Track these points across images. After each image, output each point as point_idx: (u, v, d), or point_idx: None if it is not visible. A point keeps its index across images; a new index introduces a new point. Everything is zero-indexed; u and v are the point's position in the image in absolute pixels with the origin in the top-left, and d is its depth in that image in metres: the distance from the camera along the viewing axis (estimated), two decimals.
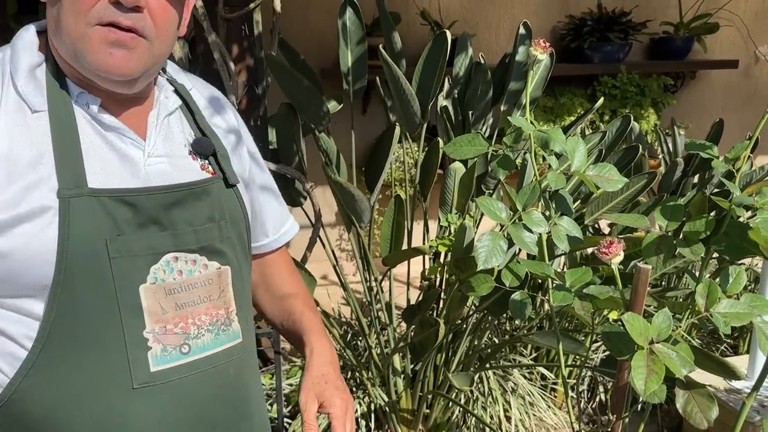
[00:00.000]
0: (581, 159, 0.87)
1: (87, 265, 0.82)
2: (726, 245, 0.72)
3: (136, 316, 0.85)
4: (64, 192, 0.81)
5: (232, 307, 0.95)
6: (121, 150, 0.87)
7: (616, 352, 0.66)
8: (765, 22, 3.65)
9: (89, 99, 0.86)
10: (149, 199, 0.86)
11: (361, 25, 1.83)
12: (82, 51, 0.81)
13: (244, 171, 1.02)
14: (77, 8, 0.80)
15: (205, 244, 0.91)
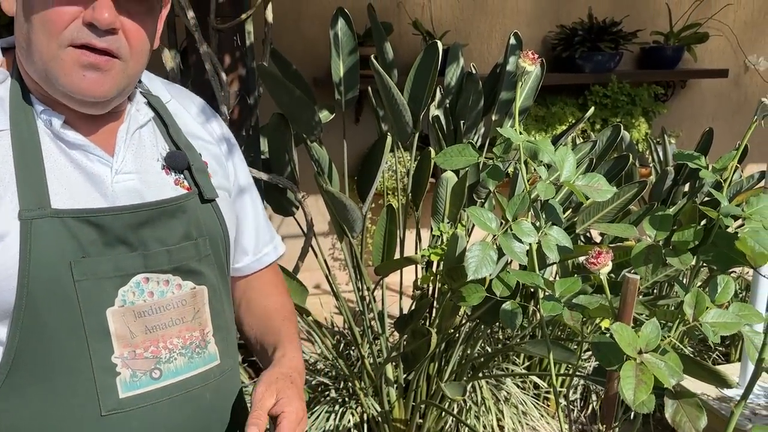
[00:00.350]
0: (570, 169, 0.87)
1: (50, 289, 0.79)
2: (714, 255, 0.73)
3: (103, 340, 0.82)
4: (26, 214, 0.78)
5: (209, 328, 0.91)
6: (87, 168, 0.84)
7: (605, 363, 0.66)
8: (754, 31, 3.69)
9: (52, 116, 0.83)
10: (116, 219, 0.82)
11: (353, 35, 1.84)
12: (54, 72, 0.80)
13: (229, 185, 0.99)
14: (49, 29, 0.78)
15: (179, 264, 0.87)
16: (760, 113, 0.79)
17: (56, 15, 0.77)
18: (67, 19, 0.78)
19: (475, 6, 3.23)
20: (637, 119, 3.20)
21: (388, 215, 1.90)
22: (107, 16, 0.77)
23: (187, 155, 0.91)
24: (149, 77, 0.97)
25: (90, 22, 0.77)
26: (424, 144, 2.60)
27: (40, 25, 0.78)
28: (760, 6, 3.66)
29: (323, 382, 2.22)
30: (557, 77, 3.16)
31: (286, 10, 2.93)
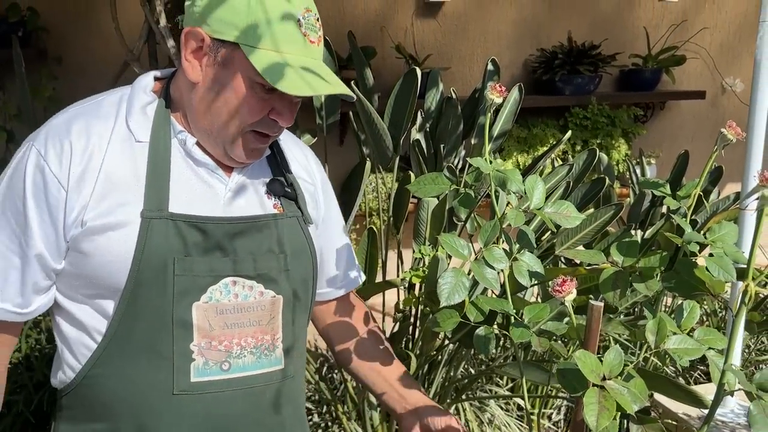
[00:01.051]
0: (539, 197, 0.89)
1: (154, 277, 0.94)
2: (675, 282, 0.75)
3: (185, 328, 0.96)
4: (147, 213, 0.94)
5: (279, 334, 1.03)
6: (207, 182, 1.01)
7: (570, 389, 0.67)
8: (730, 54, 3.77)
9: (187, 137, 1.00)
10: (217, 227, 0.98)
11: (334, 62, 1.86)
12: (228, 144, 0.98)
13: (318, 218, 1.13)
14: (243, 116, 0.96)
15: (263, 272, 1.00)
16: (720, 143, 0.81)
17: (254, 112, 0.96)
18: (260, 115, 0.96)
19: (456, 30, 3.28)
20: (617, 140, 3.25)
21: (369, 239, 1.91)
22: (290, 119, 0.98)
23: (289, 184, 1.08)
24: None
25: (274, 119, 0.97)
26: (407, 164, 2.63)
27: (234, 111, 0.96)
28: (735, 30, 3.74)
29: (306, 407, 2.21)
30: (538, 100, 3.20)
31: None
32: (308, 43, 0.96)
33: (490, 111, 0.86)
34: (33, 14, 2.64)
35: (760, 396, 0.64)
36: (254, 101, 0.95)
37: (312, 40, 0.97)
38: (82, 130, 0.96)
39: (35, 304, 0.98)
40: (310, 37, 0.97)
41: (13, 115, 2.50)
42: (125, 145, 0.97)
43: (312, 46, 0.97)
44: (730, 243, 0.79)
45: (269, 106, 0.96)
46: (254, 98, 0.95)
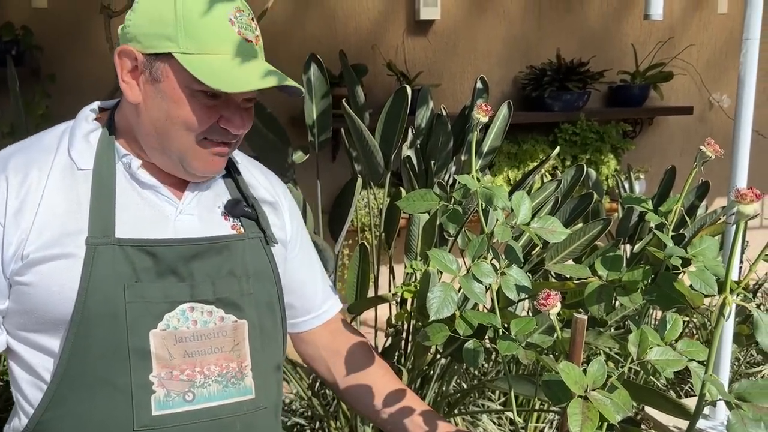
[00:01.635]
0: (526, 213, 0.91)
1: (103, 307, 0.89)
2: (657, 295, 0.77)
3: (144, 359, 0.91)
4: (92, 239, 0.90)
5: (247, 362, 0.98)
6: (154, 205, 0.97)
7: (555, 400, 0.69)
8: (717, 70, 3.82)
9: (132, 159, 0.97)
10: (169, 250, 0.93)
11: (326, 80, 1.89)
12: (188, 158, 0.95)
13: (285, 240, 1.10)
14: (190, 127, 0.93)
15: (222, 296, 0.96)
16: (699, 160, 0.84)
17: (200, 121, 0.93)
18: (207, 123, 0.93)
19: (447, 48, 3.32)
20: (606, 156, 3.29)
21: (360, 254, 1.92)
22: (240, 125, 0.95)
23: (249, 204, 1.04)
24: None
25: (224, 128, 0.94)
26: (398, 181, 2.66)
27: (181, 124, 0.93)
28: (721, 46, 3.80)
29: (299, 423, 2.21)
30: (528, 116, 3.25)
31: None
32: (245, 42, 0.93)
33: (477, 129, 0.89)
34: (27, 33, 2.66)
35: (739, 405, 0.66)
36: (199, 110, 0.92)
37: (248, 38, 0.93)
38: (19, 165, 0.93)
39: None
40: (246, 35, 0.93)
41: (6, 132, 2.51)
42: (66, 174, 0.94)
43: (249, 44, 0.93)
44: (710, 257, 0.81)
45: (217, 114, 0.93)
46: (198, 107, 0.92)
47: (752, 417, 0.64)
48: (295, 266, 1.12)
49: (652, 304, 0.78)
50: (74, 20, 2.80)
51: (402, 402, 1.11)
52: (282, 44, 3.07)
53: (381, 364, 1.18)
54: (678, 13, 3.66)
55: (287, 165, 1.86)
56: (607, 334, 1.62)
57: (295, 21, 3.11)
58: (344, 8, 3.15)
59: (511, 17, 3.39)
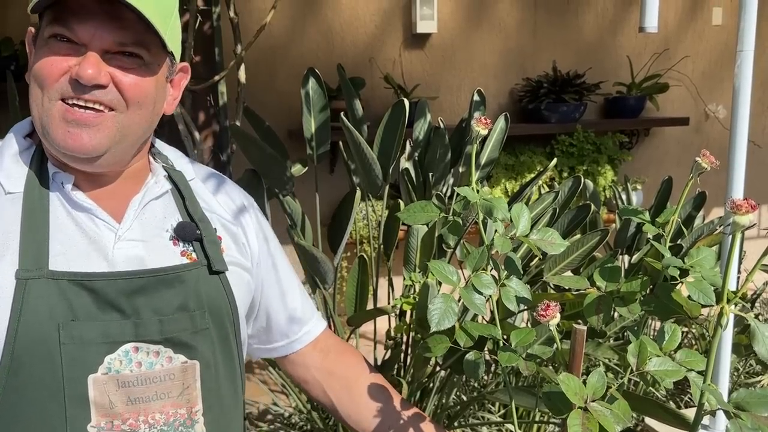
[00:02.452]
0: (525, 224, 0.92)
1: (36, 349, 0.79)
2: (655, 306, 0.77)
3: (81, 407, 0.81)
4: (23, 273, 0.80)
5: (198, 406, 0.88)
6: (90, 231, 0.85)
7: (555, 411, 0.69)
8: (712, 81, 3.85)
9: (63, 178, 0.86)
10: (109, 285, 0.82)
11: (324, 93, 1.90)
12: (46, 126, 0.82)
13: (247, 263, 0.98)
14: (41, 82, 0.81)
15: (171, 336, 0.85)
16: (695, 171, 0.84)
17: (48, 68, 0.80)
18: (57, 74, 0.80)
19: (444, 60, 3.35)
20: (603, 167, 3.30)
21: (359, 266, 1.93)
22: (91, 72, 0.78)
23: (200, 227, 0.91)
24: (177, 155, 1.00)
25: (75, 78, 0.79)
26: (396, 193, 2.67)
27: (35, 78, 0.81)
28: (717, 57, 3.84)
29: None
30: (525, 127, 3.26)
31: (260, 67, 3.01)
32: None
33: (476, 142, 0.90)
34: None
35: (737, 415, 0.67)
36: (50, 59, 0.80)
37: None
38: None
39: None
40: None
41: None
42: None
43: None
44: (708, 267, 0.82)
45: (68, 64, 0.80)
46: (49, 54, 0.80)
47: (751, 426, 0.64)
48: (265, 289, 1.03)
49: (650, 314, 0.79)
50: None
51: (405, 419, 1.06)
52: (280, 58, 3.09)
53: (378, 379, 1.10)
54: (673, 24, 3.70)
55: (286, 178, 1.87)
56: (606, 344, 1.63)
57: (293, 35, 3.13)
58: (342, 22, 3.18)
59: (508, 30, 3.42)
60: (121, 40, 0.81)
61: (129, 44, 0.81)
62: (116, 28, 0.80)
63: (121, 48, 0.81)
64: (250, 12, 2.91)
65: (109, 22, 0.80)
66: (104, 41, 0.80)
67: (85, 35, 0.79)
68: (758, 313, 3.05)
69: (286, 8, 3.03)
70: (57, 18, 0.80)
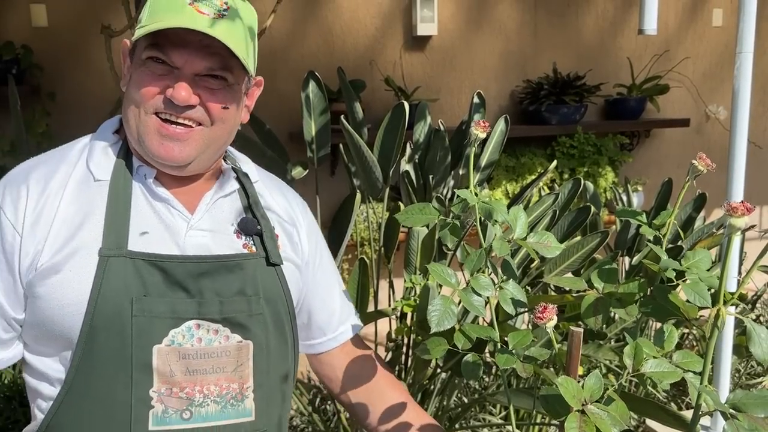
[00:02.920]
0: (522, 227, 0.92)
1: (111, 319, 0.90)
2: (652, 308, 0.78)
3: (145, 373, 0.91)
4: (105, 251, 0.91)
5: (249, 383, 0.97)
6: (166, 219, 0.97)
7: (553, 414, 0.69)
8: (713, 82, 3.85)
9: (146, 172, 0.98)
10: (179, 266, 0.93)
11: (324, 96, 1.91)
12: (142, 135, 0.94)
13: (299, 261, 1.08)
14: (139, 99, 0.93)
15: (229, 316, 0.95)
16: (691, 174, 0.85)
17: (146, 87, 0.93)
18: (153, 93, 0.92)
19: (444, 63, 3.35)
20: (604, 168, 3.30)
21: (360, 269, 1.93)
22: (183, 95, 0.91)
23: (261, 223, 1.02)
24: (245, 159, 1.13)
25: (170, 99, 0.92)
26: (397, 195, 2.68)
27: (134, 97, 0.94)
28: (717, 59, 3.84)
29: None
30: (525, 129, 3.27)
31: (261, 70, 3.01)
32: (195, 13, 0.90)
33: (475, 145, 0.90)
34: (27, 52, 2.68)
35: (734, 416, 0.67)
36: (147, 79, 0.92)
37: (202, 11, 0.90)
38: (40, 176, 0.95)
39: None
40: (200, 7, 0.91)
41: (7, 151, 2.53)
42: (82, 186, 0.95)
43: (200, 15, 0.90)
44: (704, 269, 0.82)
45: (163, 84, 0.92)
46: (147, 75, 0.92)
47: (748, 427, 0.64)
48: (310, 287, 1.12)
49: (647, 316, 0.79)
50: (74, 39, 2.82)
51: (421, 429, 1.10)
52: (280, 61, 3.10)
53: (400, 390, 1.17)
54: (673, 26, 3.70)
55: (286, 180, 1.87)
56: (607, 346, 1.63)
57: (294, 38, 3.14)
58: (342, 25, 3.18)
59: (508, 32, 3.43)
60: (210, 66, 0.93)
61: (216, 69, 0.93)
62: (206, 56, 0.92)
63: (209, 72, 0.93)
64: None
65: (201, 50, 0.92)
66: (195, 67, 0.92)
67: (179, 61, 0.92)
68: (759, 314, 3.04)
69: (287, 11, 3.04)
70: (155, 44, 0.92)
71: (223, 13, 0.92)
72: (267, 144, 1.89)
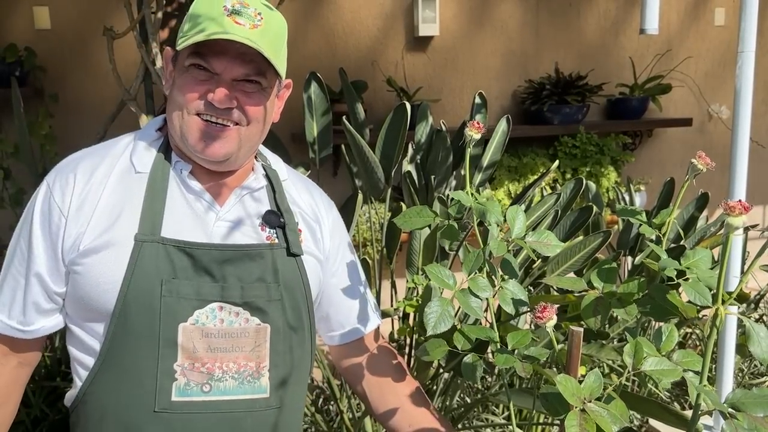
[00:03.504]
0: (520, 227, 0.93)
1: (142, 298, 0.99)
2: (651, 307, 0.78)
3: (171, 348, 1.00)
4: (140, 236, 1.01)
5: (265, 363, 1.06)
6: (197, 210, 1.06)
7: (552, 412, 0.69)
8: (715, 81, 3.84)
9: (183, 166, 1.07)
10: (206, 253, 1.02)
11: (326, 97, 1.91)
12: (185, 134, 1.03)
13: (320, 255, 1.15)
14: (183, 101, 1.02)
15: (249, 300, 1.04)
16: (690, 173, 0.85)
17: (189, 91, 1.02)
18: (196, 96, 1.02)
19: (446, 63, 3.35)
20: (606, 168, 3.29)
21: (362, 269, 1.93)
22: (223, 98, 1.00)
23: (284, 217, 1.11)
24: (276, 158, 1.23)
25: (210, 102, 1.01)
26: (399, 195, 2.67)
27: (178, 99, 1.03)
28: (719, 58, 3.83)
29: None
30: (527, 129, 3.26)
31: None
32: (233, 24, 0.99)
33: (471, 146, 0.90)
34: (30, 54, 2.69)
35: (733, 415, 0.67)
36: (189, 84, 1.01)
37: (239, 22, 0.99)
38: (87, 166, 1.05)
39: (37, 324, 1.06)
40: (237, 19, 0.99)
41: (10, 153, 2.53)
42: (124, 176, 1.05)
43: (238, 26, 0.99)
44: (704, 268, 0.82)
45: (205, 88, 1.01)
46: (189, 81, 1.01)
47: (747, 426, 0.64)
48: (332, 281, 1.19)
49: (645, 315, 0.79)
50: (77, 41, 2.83)
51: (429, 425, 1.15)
52: None
53: (412, 386, 1.23)
54: (675, 25, 3.69)
55: None
56: (609, 346, 1.62)
57: (296, 39, 3.14)
58: (344, 26, 3.19)
59: (510, 32, 3.42)
60: (246, 72, 1.02)
61: (252, 75, 1.03)
62: (243, 63, 1.01)
63: (246, 77, 1.03)
64: None
65: (238, 58, 1.01)
66: (234, 73, 1.02)
67: (219, 67, 1.01)
68: (762, 313, 3.03)
69: (288, 13, 3.04)
70: (197, 52, 1.01)
71: (257, 23, 1.01)
72: (269, 145, 1.89)
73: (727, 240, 0.67)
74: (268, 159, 1.21)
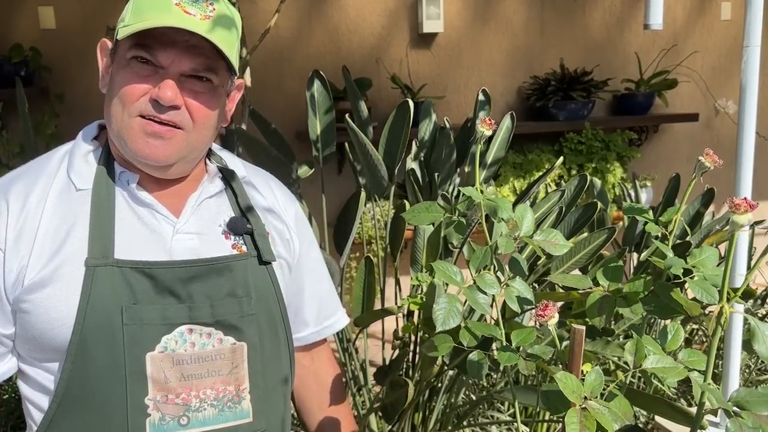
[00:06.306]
0: (529, 225, 0.92)
1: (101, 329, 0.88)
2: (655, 305, 0.77)
3: (140, 381, 0.90)
4: (91, 261, 0.89)
5: (245, 384, 0.96)
6: (151, 225, 0.95)
7: (553, 410, 0.69)
8: (722, 76, 3.82)
9: (129, 177, 0.96)
10: (168, 272, 0.92)
11: (329, 95, 1.91)
12: (124, 138, 0.92)
13: (290, 258, 1.06)
14: (123, 101, 0.91)
15: (221, 319, 0.94)
16: (698, 171, 0.84)
17: (130, 91, 0.91)
18: (138, 94, 0.91)
19: (450, 60, 3.34)
20: (612, 164, 3.28)
21: (366, 267, 1.93)
22: (169, 95, 0.90)
23: (251, 221, 1.01)
24: (230, 156, 1.10)
25: (155, 100, 0.90)
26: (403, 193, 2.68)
27: (117, 98, 0.92)
28: (726, 52, 3.81)
29: None
30: (533, 126, 3.25)
31: (268, 69, 3.02)
32: (182, 13, 0.89)
33: (480, 143, 0.90)
34: (36, 54, 2.70)
35: (738, 413, 0.67)
36: (131, 79, 0.91)
37: (189, 11, 0.90)
38: (20, 190, 0.93)
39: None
40: (187, 8, 0.90)
41: (16, 152, 2.55)
42: (63, 197, 0.93)
43: (187, 16, 0.89)
44: (710, 266, 0.82)
45: (149, 85, 0.91)
46: (131, 75, 0.91)
47: (751, 425, 0.64)
48: (298, 282, 1.11)
49: (650, 313, 0.79)
50: (82, 41, 2.84)
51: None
52: (287, 60, 3.10)
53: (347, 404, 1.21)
54: (681, 20, 3.67)
55: (292, 179, 1.88)
56: (615, 343, 1.62)
57: (300, 37, 3.14)
58: (348, 23, 3.18)
59: (514, 28, 3.41)
60: (195, 66, 0.92)
61: (202, 70, 0.92)
62: (193, 56, 0.91)
63: (195, 73, 0.92)
64: (256, 15, 2.92)
65: (187, 51, 0.90)
66: (182, 66, 0.91)
67: (165, 61, 0.90)
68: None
69: (292, 10, 3.04)
70: (141, 44, 0.90)
71: (209, 14, 0.91)
72: (272, 143, 1.89)
73: (732, 237, 0.67)
74: (224, 159, 1.08)
